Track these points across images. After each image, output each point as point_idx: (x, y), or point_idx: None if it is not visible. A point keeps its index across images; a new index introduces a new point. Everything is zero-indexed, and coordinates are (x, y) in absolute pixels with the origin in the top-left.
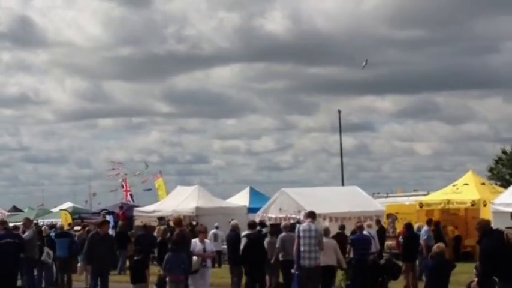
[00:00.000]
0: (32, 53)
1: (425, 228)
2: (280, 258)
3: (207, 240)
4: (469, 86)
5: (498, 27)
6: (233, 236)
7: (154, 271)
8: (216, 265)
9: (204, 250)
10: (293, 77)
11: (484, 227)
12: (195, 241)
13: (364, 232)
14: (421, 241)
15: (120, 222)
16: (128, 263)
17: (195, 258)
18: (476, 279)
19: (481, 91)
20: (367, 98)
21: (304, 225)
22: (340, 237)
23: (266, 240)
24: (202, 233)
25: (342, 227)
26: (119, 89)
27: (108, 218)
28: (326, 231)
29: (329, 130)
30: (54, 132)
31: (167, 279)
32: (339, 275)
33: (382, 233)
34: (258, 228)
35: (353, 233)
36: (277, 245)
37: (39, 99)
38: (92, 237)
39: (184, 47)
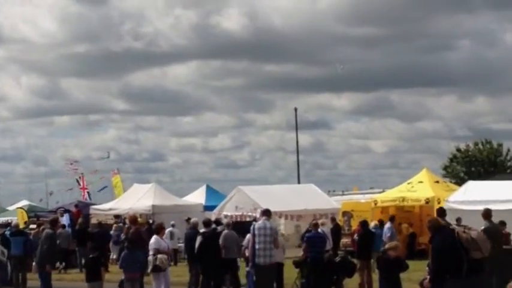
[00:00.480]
0: None
1: (387, 225)
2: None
3: (164, 238)
4: (424, 83)
5: (454, 25)
6: (192, 234)
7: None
8: (172, 263)
9: (168, 247)
10: (249, 75)
11: (435, 225)
12: (158, 238)
13: (319, 230)
14: (384, 238)
15: (80, 220)
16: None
17: (161, 256)
18: (428, 276)
19: (436, 89)
20: (323, 96)
21: (260, 223)
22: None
23: (225, 232)
24: (163, 229)
25: (334, 219)
26: (75, 86)
27: (65, 216)
28: (315, 226)
29: (285, 128)
30: (10, 130)
31: (123, 277)
32: (294, 273)
33: (337, 230)
34: (213, 226)
35: (308, 231)
36: (220, 242)
37: None
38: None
39: (141, 44)
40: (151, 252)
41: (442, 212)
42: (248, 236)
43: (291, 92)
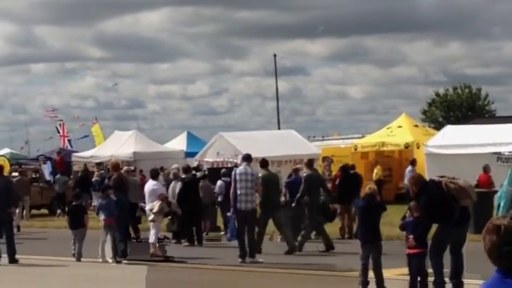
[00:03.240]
0: None
1: (409, 168)
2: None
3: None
4: (397, 29)
5: None
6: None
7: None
8: None
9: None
10: (222, 21)
11: (419, 181)
12: (159, 184)
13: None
14: (406, 181)
15: (82, 166)
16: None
17: (174, 201)
18: (411, 236)
19: (410, 34)
20: (297, 42)
21: (241, 168)
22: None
23: (200, 184)
24: (158, 174)
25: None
26: (48, 33)
27: (47, 163)
28: (296, 171)
29: (262, 74)
30: None
31: (101, 224)
32: None
33: None
34: (193, 172)
35: (289, 176)
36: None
37: None
38: None
39: None
40: (159, 198)
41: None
42: (219, 182)
43: (265, 38)
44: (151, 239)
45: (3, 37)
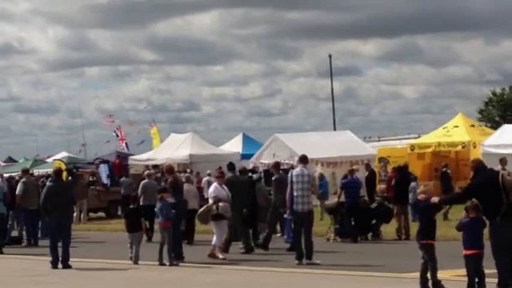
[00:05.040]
0: (11, 2)
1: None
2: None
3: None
4: (450, 28)
5: None
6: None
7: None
8: None
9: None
10: (273, 22)
11: (478, 164)
12: (218, 186)
13: (354, 176)
14: None
15: (140, 169)
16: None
17: (223, 204)
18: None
19: (462, 33)
20: (349, 42)
21: (297, 170)
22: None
23: (256, 187)
24: (220, 178)
25: (368, 166)
26: (101, 37)
27: (103, 167)
28: (351, 172)
29: (315, 75)
30: (42, 82)
31: (158, 226)
32: (328, 219)
33: (372, 177)
34: (249, 174)
35: (344, 177)
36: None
37: (23, 48)
38: (49, 188)
39: None
40: (211, 201)
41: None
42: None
43: (316, 38)
44: (214, 240)
45: (57, 41)
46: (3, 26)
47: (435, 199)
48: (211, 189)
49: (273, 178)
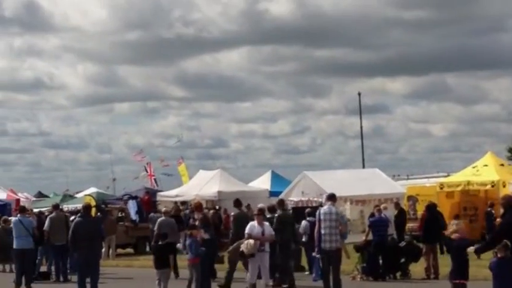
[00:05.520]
0: (42, 38)
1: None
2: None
3: (266, 223)
4: (477, 66)
5: (505, 6)
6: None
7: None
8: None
9: (263, 233)
10: (301, 60)
11: (509, 201)
12: (253, 224)
13: (382, 214)
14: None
15: (169, 205)
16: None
17: (251, 241)
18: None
19: (490, 71)
20: (377, 80)
21: (325, 208)
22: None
23: None
24: (259, 215)
25: (398, 204)
26: (130, 73)
27: (131, 203)
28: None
29: (344, 112)
30: (72, 118)
31: (187, 262)
32: (354, 257)
33: (402, 215)
34: (278, 212)
35: (372, 215)
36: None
37: (53, 84)
38: (77, 224)
39: (191, 31)
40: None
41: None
42: (304, 222)
43: (345, 76)
44: (248, 277)
45: (86, 77)
46: (34, 62)
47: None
48: (248, 226)
49: (232, 214)
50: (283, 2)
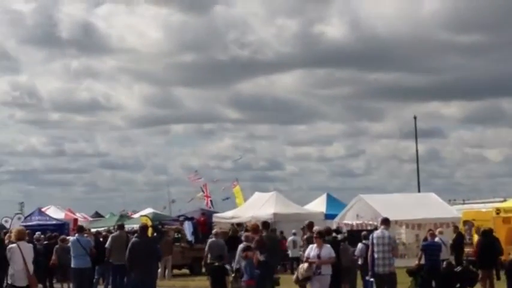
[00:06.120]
0: (98, 60)
1: None
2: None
3: (326, 245)
4: None
5: None
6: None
7: None
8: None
9: (319, 256)
10: (356, 83)
11: None
12: (312, 246)
13: (436, 239)
14: None
15: (231, 227)
16: None
17: (305, 265)
18: None
19: None
20: (432, 104)
21: (378, 232)
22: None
23: (341, 247)
24: (317, 238)
25: (456, 228)
26: (185, 95)
27: (187, 224)
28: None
29: (398, 136)
30: (128, 138)
31: (243, 284)
32: (408, 281)
33: (460, 240)
34: (333, 234)
35: (425, 239)
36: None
37: (110, 105)
38: (133, 244)
39: (246, 53)
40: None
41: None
42: (359, 245)
43: (400, 100)
44: None
45: (143, 98)
46: (90, 83)
47: None
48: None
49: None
50: (338, 25)
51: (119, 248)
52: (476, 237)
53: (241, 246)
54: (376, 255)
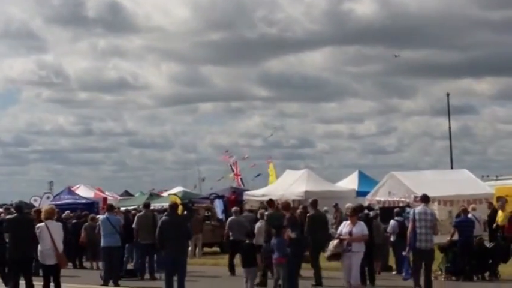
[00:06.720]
0: (125, 39)
1: None
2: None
3: (360, 223)
4: None
5: None
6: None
7: None
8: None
9: (350, 233)
10: (386, 61)
11: None
12: (344, 223)
13: (469, 215)
14: None
15: (261, 205)
16: None
17: (334, 241)
18: None
19: None
20: (464, 81)
21: (420, 208)
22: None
23: (373, 224)
24: (351, 216)
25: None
26: (213, 73)
27: (218, 202)
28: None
29: (430, 113)
30: (156, 117)
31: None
32: (438, 257)
33: (495, 215)
34: (365, 211)
35: (457, 216)
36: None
37: (137, 84)
38: (164, 222)
39: (275, 31)
40: None
41: None
42: (392, 222)
43: (430, 77)
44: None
45: (171, 77)
46: (118, 62)
47: None
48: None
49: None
50: (368, 2)
51: (146, 227)
52: (500, 214)
53: (258, 224)
54: (418, 231)
